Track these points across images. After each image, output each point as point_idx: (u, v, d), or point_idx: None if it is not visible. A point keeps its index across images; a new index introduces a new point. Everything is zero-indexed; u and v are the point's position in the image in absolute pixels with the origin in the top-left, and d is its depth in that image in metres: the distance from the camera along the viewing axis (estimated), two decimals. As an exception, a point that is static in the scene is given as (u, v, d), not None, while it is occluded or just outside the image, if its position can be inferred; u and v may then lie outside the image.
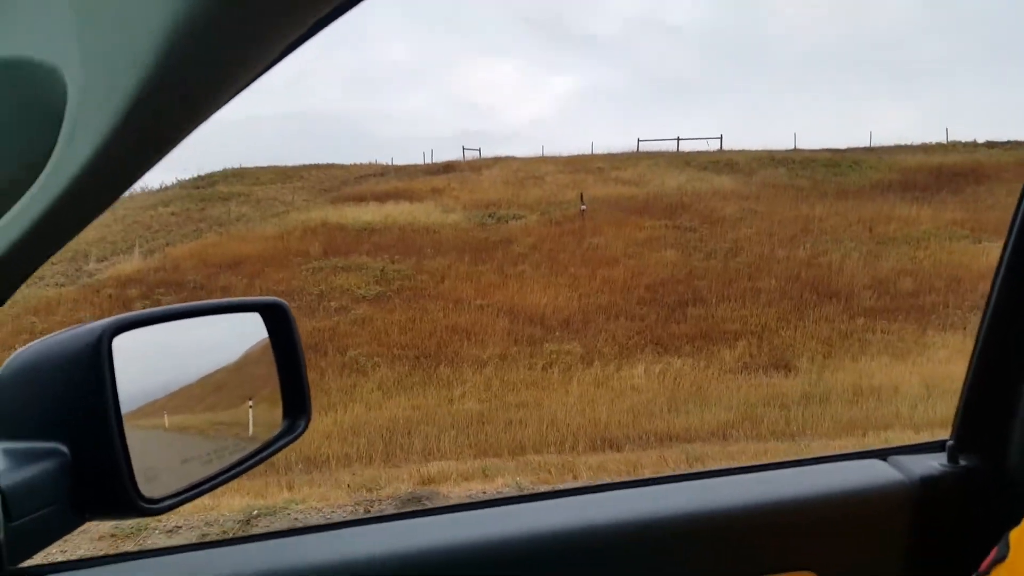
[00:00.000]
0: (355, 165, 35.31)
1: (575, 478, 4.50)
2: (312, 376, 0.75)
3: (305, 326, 10.14)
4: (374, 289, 12.20)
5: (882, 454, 0.95)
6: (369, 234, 16.87)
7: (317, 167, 33.47)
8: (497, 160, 32.07)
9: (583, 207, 20.62)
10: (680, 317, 10.87)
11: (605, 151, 32.87)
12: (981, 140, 26.38)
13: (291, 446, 0.69)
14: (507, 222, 18.11)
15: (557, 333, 10.32)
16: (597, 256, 14.22)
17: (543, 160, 30.76)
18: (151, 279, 12.66)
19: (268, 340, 0.71)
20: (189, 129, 0.40)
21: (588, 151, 34.18)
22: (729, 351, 9.37)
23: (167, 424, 0.59)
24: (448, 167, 31.47)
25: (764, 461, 0.99)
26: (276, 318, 0.70)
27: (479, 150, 39.17)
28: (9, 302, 0.47)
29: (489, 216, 18.66)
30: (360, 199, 21.91)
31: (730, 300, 11.33)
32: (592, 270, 13.19)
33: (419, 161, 37.58)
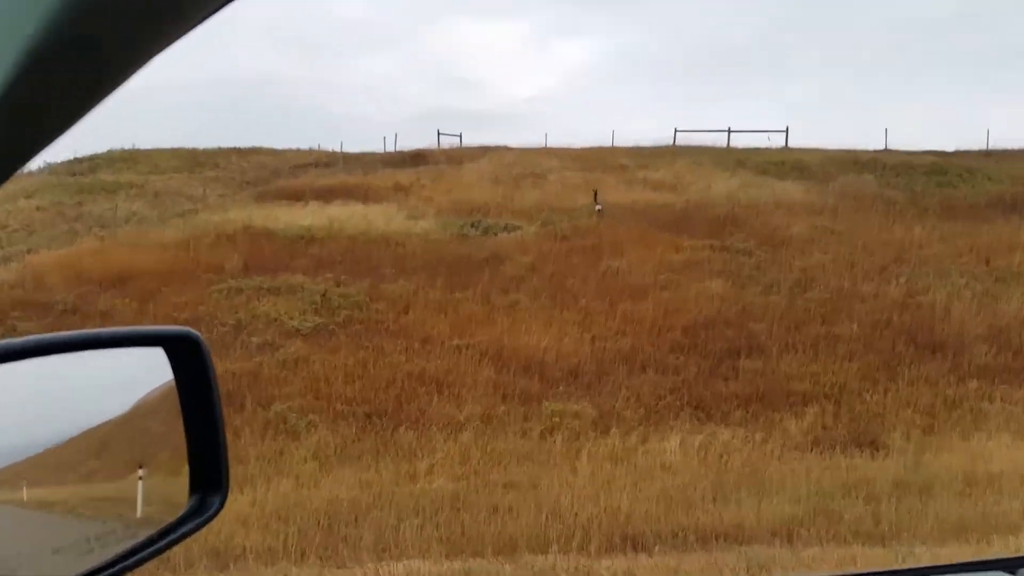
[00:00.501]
0: (291, 151, 35.49)
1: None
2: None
3: (216, 369, 10.08)
4: (312, 320, 12.18)
5: (1010, 565, 0.96)
6: (307, 244, 16.93)
7: (238, 152, 33.59)
8: (485, 150, 32.31)
9: (598, 207, 20.81)
10: (729, 372, 10.93)
11: (631, 143, 33.22)
12: None
13: (198, 532, 0.65)
14: (496, 234, 18.29)
15: (561, 388, 10.33)
16: (618, 284, 14.35)
17: (546, 152, 31.08)
18: (4, 298, 12.58)
19: (171, 385, 0.68)
20: (82, 109, 0.42)
21: (607, 142, 34.57)
22: (795, 420, 9.41)
23: (26, 498, 0.54)
24: (418, 157, 31.69)
25: (853, 572, 1.00)
26: (184, 355, 0.68)
27: (460, 136, 39.50)
28: None
29: (472, 225, 18.88)
30: (296, 196, 22.03)
31: (797, 350, 11.43)
32: (611, 303, 13.29)
33: (378, 148, 37.79)
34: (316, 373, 10.43)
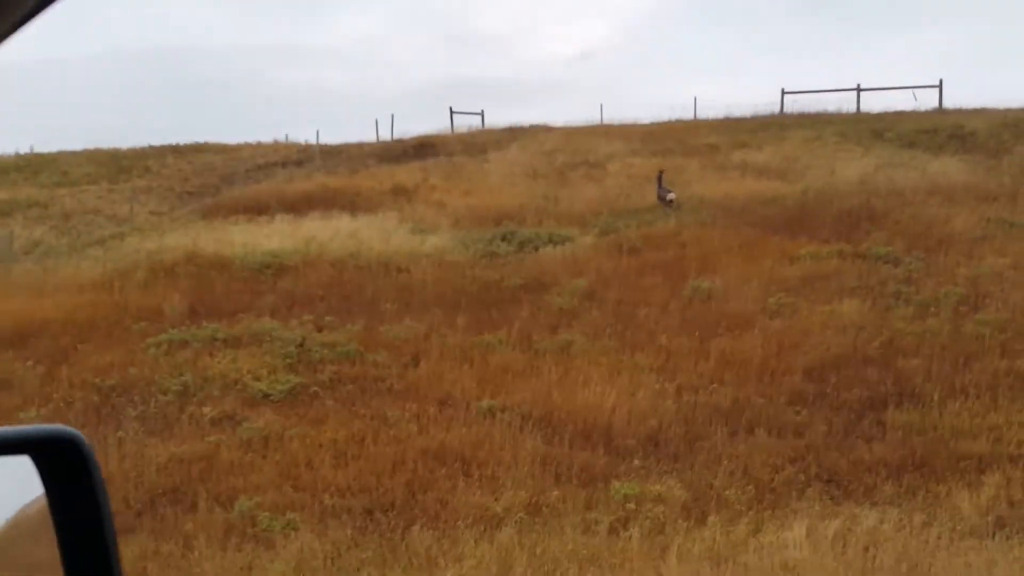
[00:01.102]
0: (248, 146, 36.16)
1: None
2: (169, 548, 0.82)
3: (155, 454, 10.39)
4: (286, 381, 12.44)
5: None
6: (276, 275, 17.36)
7: (176, 151, 34.29)
8: (516, 132, 32.61)
9: (669, 196, 20.91)
10: (872, 429, 10.93)
11: (720, 114, 33.35)
12: None
13: None
14: (537, 249, 18.62)
15: (636, 461, 10.42)
16: (710, 312, 14.45)
17: (603, 131, 31.28)
18: None
19: (42, 502, 0.73)
20: None
21: (688, 113, 34.75)
22: (969, 494, 9.37)
23: None
24: (424, 147, 32.14)
25: None
26: (60, 463, 0.72)
27: (481, 114, 39.79)
28: None
29: (503, 239, 19.34)
30: (258, 209, 22.54)
31: (967, 395, 11.38)
32: (701, 340, 13.38)
33: (368, 136, 38.46)
34: (294, 455, 10.64)
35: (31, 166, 31.28)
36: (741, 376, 12.27)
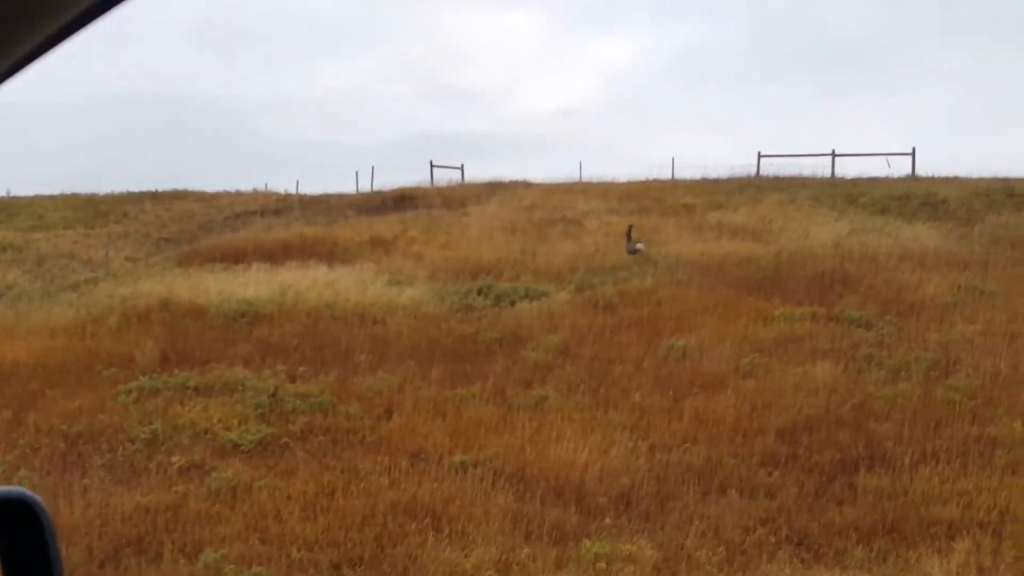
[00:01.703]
0: (226, 194, 36.45)
1: None
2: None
3: (120, 503, 10.23)
4: (257, 431, 12.34)
5: None
6: (251, 324, 17.32)
7: (154, 197, 34.40)
8: (496, 187, 33.06)
9: (637, 245, 21.17)
10: (844, 492, 10.91)
11: (697, 174, 33.95)
12: None
13: None
14: (513, 303, 18.72)
15: (608, 520, 10.35)
16: (685, 371, 14.48)
17: (581, 188, 31.70)
18: None
19: None
20: None
21: (666, 173, 35.28)
22: (940, 560, 9.36)
23: None
24: (404, 199, 32.47)
25: None
26: (16, 524, 0.70)
27: (461, 168, 40.37)
28: None
29: (480, 292, 19.47)
30: (235, 257, 22.55)
31: (938, 460, 11.41)
32: (675, 398, 13.39)
33: (348, 187, 38.86)
34: (263, 506, 10.51)
35: (7, 209, 31.17)
36: (714, 436, 12.27)
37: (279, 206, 31.78)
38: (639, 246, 21.10)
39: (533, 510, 10.50)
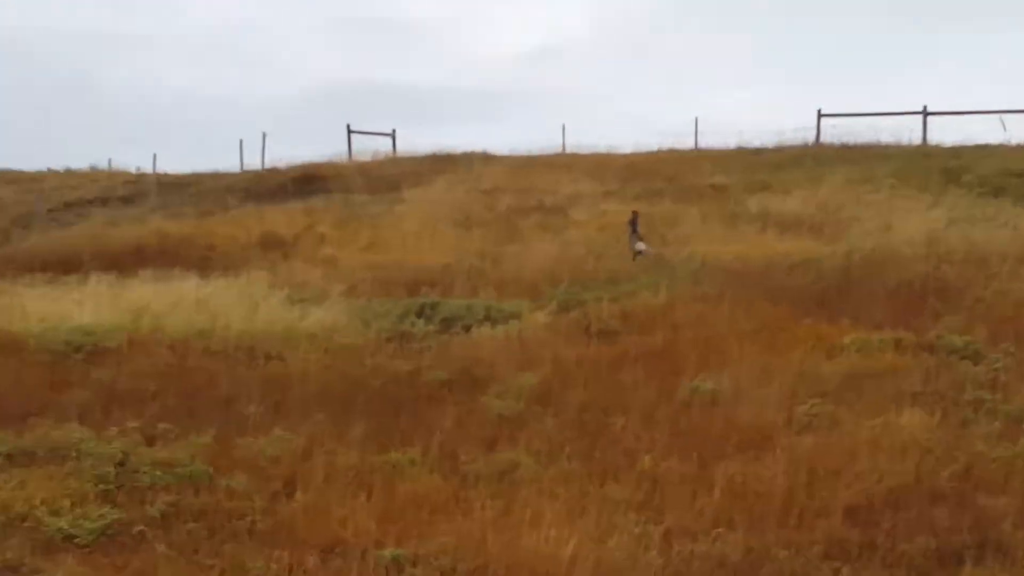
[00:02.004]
0: (53, 174, 35.95)
1: None
2: None
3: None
4: (98, 516, 12.08)
5: None
6: (89, 360, 17.13)
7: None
8: (443, 161, 32.63)
9: (638, 246, 21.13)
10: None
11: (731, 143, 33.73)
12: None
13: None
14: (469, 329, 18.64)
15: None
16: (714, 424, 14.34)
17: (565, 162, 31.47)
18: None
19: None
20: None
21: (685, 142, 35.11)
22: None
23: None
24: (309, 180, 32.01)
25: None
26: None
27: (393, 135, 40.00)
28: None
29: (420, 314, 19.34)
30: (64, 265, 22.18)
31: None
32: (700, 462, 13.25)
33: (229, 165, 38.36)
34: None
35: None
36: (757, 516, 12.18)
37: (129, 191, 31.68)
38: (641, 247, 21.24)
39: (500, 627, 10.44)
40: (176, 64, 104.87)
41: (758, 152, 30.45)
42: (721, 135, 34.58)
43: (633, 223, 21.91)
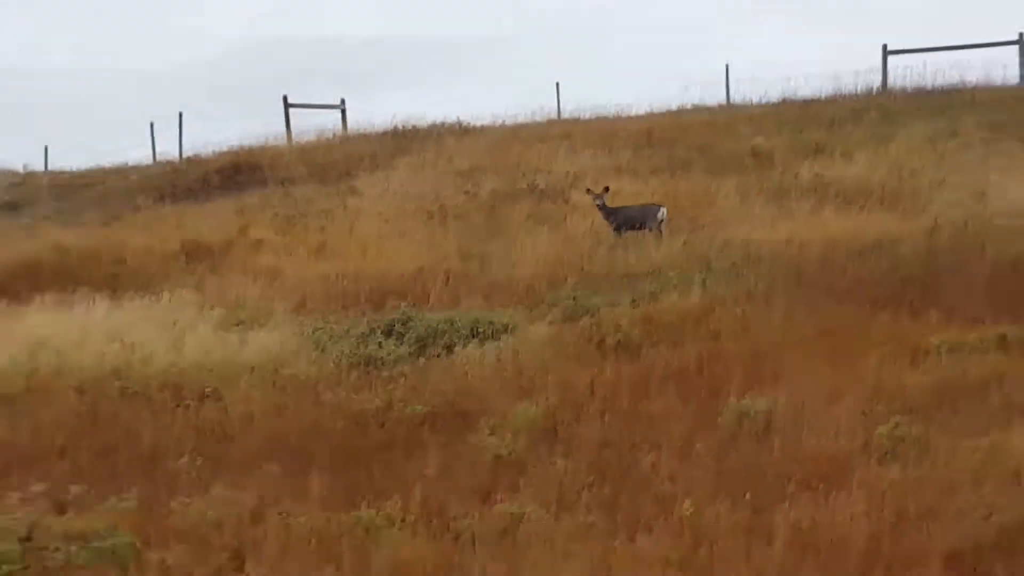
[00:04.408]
0: None
1: None
2: None
3: None
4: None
5: None
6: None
7: None
8: (406, 137, 32.46)
9: (660, 212, 21.12)
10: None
11: (772, 94, 33.58)
12: None
13: None
14: (451, 348, 18.70)
15: None
16: (769, 456, 14.17)
17: (561, 130, 31.32)
18: None
19: None
20: None
21: (714, 95, 35.04)
22: None
23: None
24: (239, 170, 31.80)
25: None
26: None
27: (342, 106, 39.97)
28: None
29: (389, 332, 19.44)
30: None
31: None
32: (756, 507, 13.09)
33: (138, 156, 38.27)
34: None
35: None
36: (832, 572, 12.16)
37: (14, 195, 31.74)
38: (663, 212, 21.26)
39: None
40: (54, 30, 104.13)
41: (808, 104, 30.39)
42: (760, 84, 34.43)
43: (600, 198, 22.04)
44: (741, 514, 13.10)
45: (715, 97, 33.40)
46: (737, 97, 33.31)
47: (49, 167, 34.49)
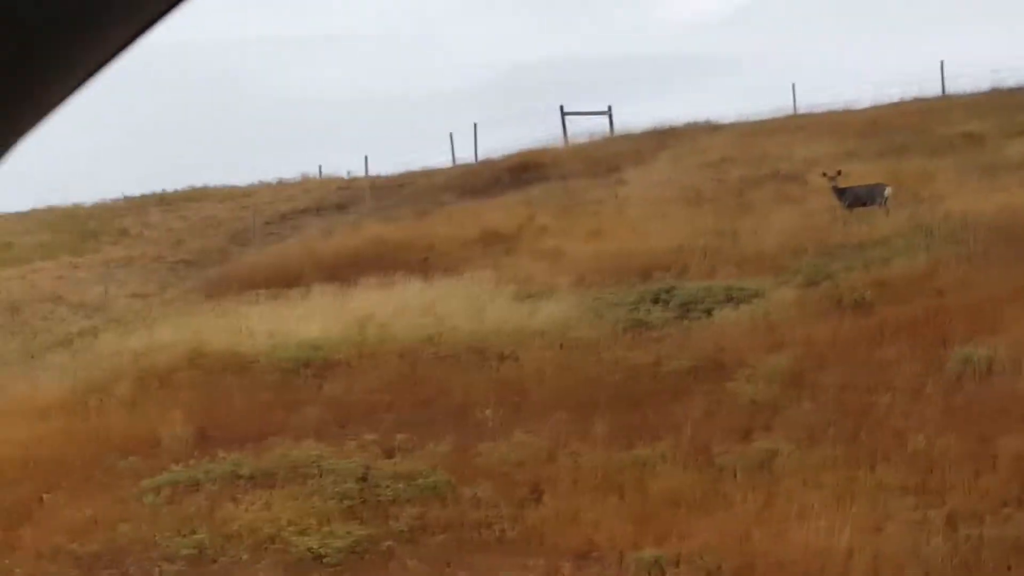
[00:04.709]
0: (264, 187, 36.73)
1: None
2: None
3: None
4: (345, 533, 12.48)
5: None
6: (319, 375, 17.78)
7: (162, 200, 34.84)
8: (663, 137, 31.88)
9: (886, 191, 20.96)
10: None
11: (983, 85, 32.07)
12: None
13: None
14: (710, 312, 18.67)
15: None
16: (991, 395, 13.94)
17: (797, 124, 30.60)
18: None
19: None
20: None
21: (930, 88, 34.12)
22: None
23: None
24: (524, 169, 31.56)
25: None
26: None
27: (608, 112, 39.95)
28: None
29: (656, 300, 19.41)
30: (285, 280, 22.65)
31: None
32: (981, 438, 12.90)
33: (439, 161, 38.98)
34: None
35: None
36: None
37: (342, 197, 32.35)
38: (888, 191, 20.94)
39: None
40: (361, 58, 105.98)
41: (1015, 92, 29.35)
42: (971, 78, 33.46)
43: (835, 182, 21.82)
44: (967, 445, 13.16)
45: (930, 91, 32.47)
46: (950, 88, 32.37)
47: (369, 173, 35.17)
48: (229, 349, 18.75)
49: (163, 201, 34.56)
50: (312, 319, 19.91)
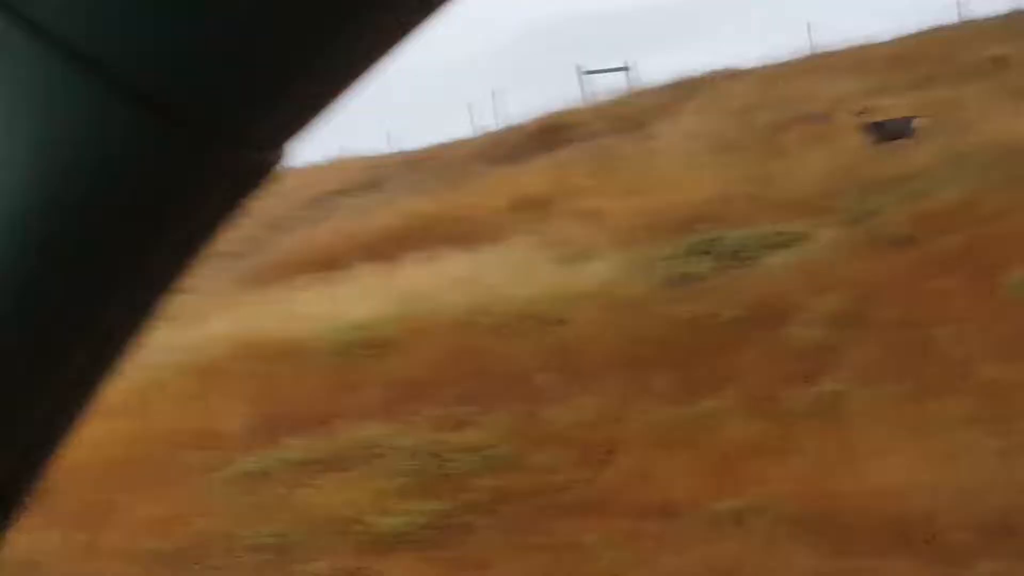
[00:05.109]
0: (293, 172, 37.14)
1: None
2: None
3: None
4: (421, 509, 12.65)
5: None
6: (373, 355, 17.87)
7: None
8: (688, 87, 31.77)
9: (913, 121, 20.85)
10: None
11: (1002, 5, 32.16)
12: None
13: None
14: (754, 260, 18.75)
15: (981, 568, 10.18)
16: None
17: (820, 63, 30.47)
18: None
19: None
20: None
21: (949, 15, 33.87)
22: None
23: None
24: (550, 132, 31.79)
25: None
26: None
27: (629, 67, 39.83)
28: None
29: (700, 251, 19.53)
30: (326, 262, 22.86)
31: None
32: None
33: (461, 130, 39.00)
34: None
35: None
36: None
37: (371, 176, 32.35)
38: (914, 122, 20.97)
39: (862, 568, 10.45)
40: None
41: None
42: (987, 2, 33.21)
43: (872, 123, 21.80)
44: (1030, 372, 12.94)
45: (949, 16, 32.26)
46: (966, 16, 32.15)
47: (393, 149, 35.25)
48: (281, 336, 18.84)
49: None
50: (359, 299, 19.97)
